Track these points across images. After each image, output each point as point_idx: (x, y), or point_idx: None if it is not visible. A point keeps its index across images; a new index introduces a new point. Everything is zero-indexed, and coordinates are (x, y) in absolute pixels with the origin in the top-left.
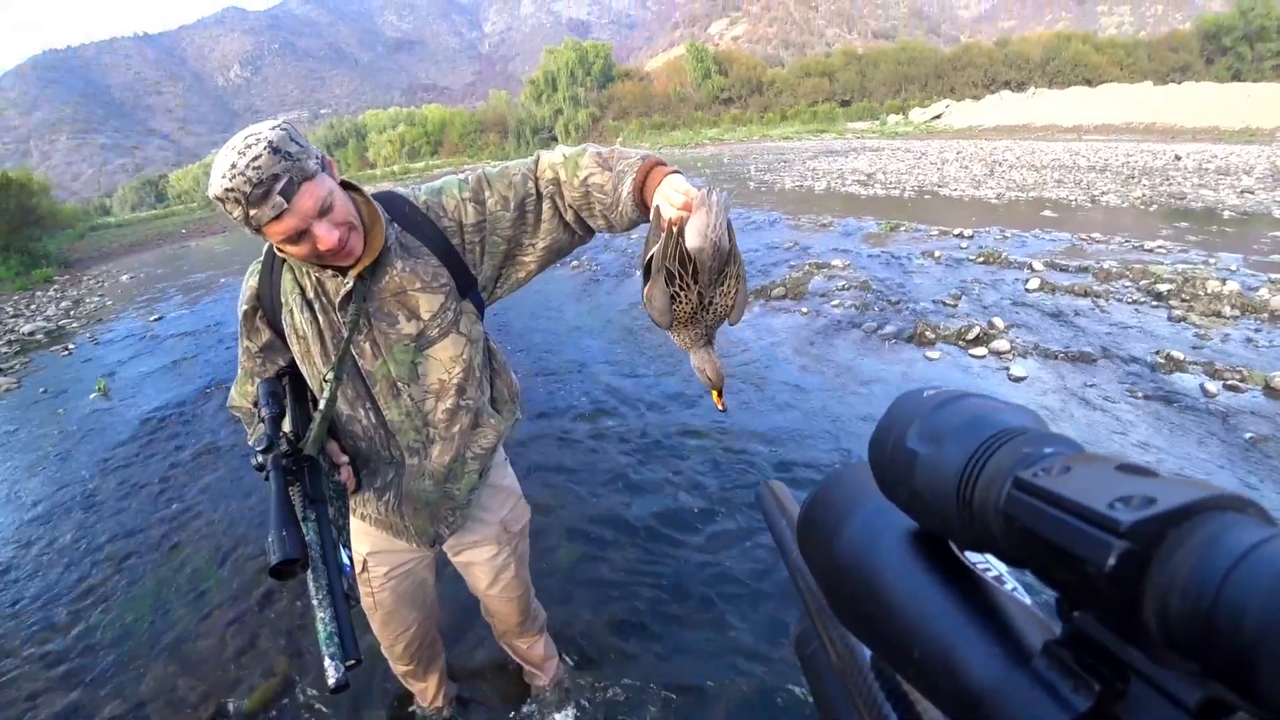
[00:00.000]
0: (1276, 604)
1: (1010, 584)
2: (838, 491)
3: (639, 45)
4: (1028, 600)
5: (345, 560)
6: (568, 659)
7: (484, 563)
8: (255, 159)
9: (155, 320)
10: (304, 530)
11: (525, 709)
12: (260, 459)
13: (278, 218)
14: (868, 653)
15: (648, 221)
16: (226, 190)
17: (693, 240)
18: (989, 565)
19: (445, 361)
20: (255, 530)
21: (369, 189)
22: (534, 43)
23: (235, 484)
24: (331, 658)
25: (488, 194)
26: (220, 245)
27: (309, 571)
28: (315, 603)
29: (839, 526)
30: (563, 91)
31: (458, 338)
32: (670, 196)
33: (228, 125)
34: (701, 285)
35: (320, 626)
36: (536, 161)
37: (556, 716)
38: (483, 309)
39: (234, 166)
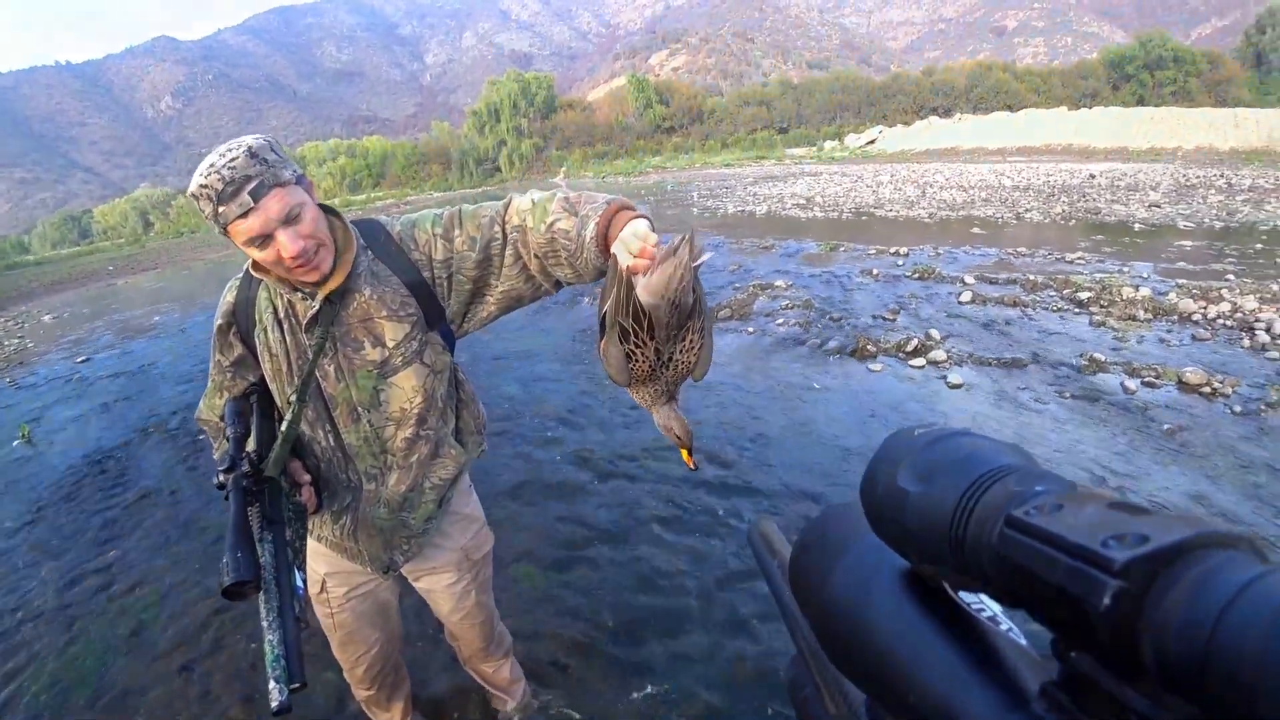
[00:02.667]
0: (1272, 644)
1: (1005, 624)
2: (828, 532)
3: (581, 76)
4: (1023, 641)
5: (299, 583)
6: (533, 682)
7: (443, 589)
8: (232, 160)
9: (82, 362)
10: (259, 552)
11: None
12: (221, 478)
13: (243, 216)
14: (863, 697)
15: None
16: (200, 187)
17: (647, 296)
18: (983, 605)
19: (407, 390)
20: (200, 573)
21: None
22: (476, 74)
23: (177, 527)
24: (276, 680)
25: (457, 232)
26: (151, 283)
27: (261, 593)
28: (265, 624)
29: (830, 568)
30: (506, 122)
31: (421, 368)
32: (629, 243)
33: (158, 158)
34: (659, 341)
35: (268, 649)
36: (507, 205)
37: None
38: (452, 341)
39: (212, 165)
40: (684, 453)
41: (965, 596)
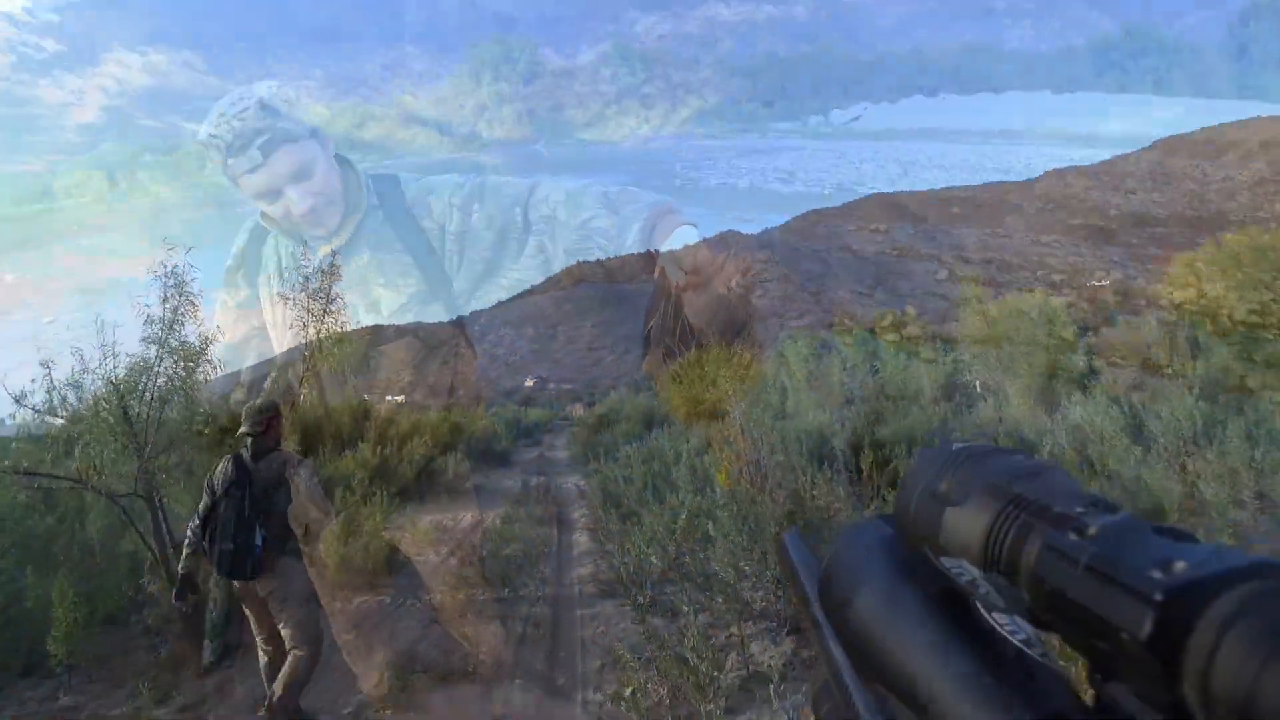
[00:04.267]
0: None
1: (1039, 649)
2: (856, 550)
3: (564, 40)
4: (1058, 667)
5: (258, 540)
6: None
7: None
8: (242, 111)
9: (49, 322)
10: (221, 506)
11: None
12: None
13: (252, 171)
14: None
15: (652, 276)
16: (210, 136)
17: (696, 318)
18: (1016, 628)
19: (394, 361)
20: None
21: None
22: (457, 36)
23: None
24: (212, 639)
25: (476, 207)
26: (118, 244)
27: (214, 558)
28: (212, 582)
29: (859, 588)
30: (486, 87)
31: (413, 341)
32: (679, 258)
33: (121, 115)
34: (705, 362)
35: (208, 613)
36: (531, 191)
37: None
38: (458, 316)
39: (223, 115)
40: (720, 474)
41: (999, 618)
